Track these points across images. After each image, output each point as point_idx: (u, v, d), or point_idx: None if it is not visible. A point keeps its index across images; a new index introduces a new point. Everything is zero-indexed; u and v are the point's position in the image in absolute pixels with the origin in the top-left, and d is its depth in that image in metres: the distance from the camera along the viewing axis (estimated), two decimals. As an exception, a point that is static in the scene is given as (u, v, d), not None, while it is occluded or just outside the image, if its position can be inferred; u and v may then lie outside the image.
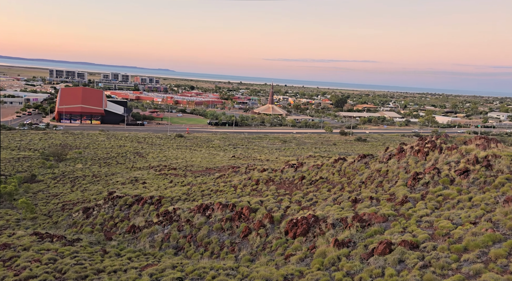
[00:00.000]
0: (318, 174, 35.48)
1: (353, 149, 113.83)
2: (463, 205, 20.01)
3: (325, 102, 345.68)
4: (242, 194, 32.90)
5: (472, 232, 15.51)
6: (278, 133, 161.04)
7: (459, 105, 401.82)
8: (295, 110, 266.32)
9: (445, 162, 26.96)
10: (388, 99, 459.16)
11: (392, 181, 27.70)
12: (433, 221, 18.37)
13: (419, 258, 14.43)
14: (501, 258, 13.19)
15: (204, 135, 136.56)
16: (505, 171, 22.68)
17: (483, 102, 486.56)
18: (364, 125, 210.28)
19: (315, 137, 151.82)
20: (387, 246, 15.63)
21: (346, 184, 30.86)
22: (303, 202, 28.03)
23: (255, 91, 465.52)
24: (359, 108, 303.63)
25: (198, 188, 38.38)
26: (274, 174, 38.05)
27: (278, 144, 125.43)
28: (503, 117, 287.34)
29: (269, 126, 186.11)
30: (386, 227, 18.80)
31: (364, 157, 35.73)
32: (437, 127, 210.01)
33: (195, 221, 26.19)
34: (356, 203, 24.78)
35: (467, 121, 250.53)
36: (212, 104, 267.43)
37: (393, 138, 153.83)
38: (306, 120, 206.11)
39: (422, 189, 24.31)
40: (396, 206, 22.13)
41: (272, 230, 22.68)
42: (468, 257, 13.69)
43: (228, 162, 69.55)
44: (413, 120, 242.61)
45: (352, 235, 18.41)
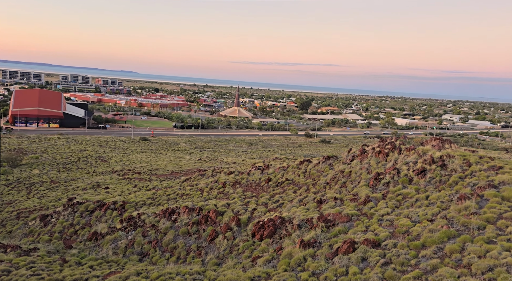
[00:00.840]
0: (284, 176, 35.91)
1: (318, 150, 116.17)
2: (421, 204, 20.98)
3: (290, 105, 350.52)
4: (208, 197, 32.67)
5: (429, 229, 16.29)
6: (244, 135, 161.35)
7: (416, 108, 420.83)
8: (261, 113, 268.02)
9: (404, 162, 28.16)
10: (351, 102, 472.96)
11: (355, 182, 28.54)
12: (394, 219, 19.11)
13: (380, 255, 14.96)
14: (456, 253, 13.95)
15: (169, 138, 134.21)
16: (458, 170, 24.03)
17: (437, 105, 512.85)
18: (328, 127, 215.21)
19: (281, 139, 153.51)
20: (350, 245, 16.08)
21: (311, 185, 31.45)
22: (269, 204, 28.24)
23: (221, 94, 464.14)
24: (323, 111, 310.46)
25: (163, 192, 37.67)
26: (241, 177, 38.08)
27: (245, 146, 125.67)
28: (456, 119, 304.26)
29: (236, 128, 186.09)
30: (350, 227, 19.34)
31: (328, 158, 36.58)
32: (397, 128, 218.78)
33: (161, 226, 25.68)
34: (321, 203, 25.31)
35: (424, 123, 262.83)
36: (178, 107, 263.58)
37: (356, 140, 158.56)
38: (272, 122, 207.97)
39: (383, 188, 25.23)
40: (359, 205, 22.83)
41: (239, 232, 22.68)
42: (425, 253, 14.36)
43: (194, 165, 68.78)
44: (374, 122, 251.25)
45: (318, 236, 18.78)
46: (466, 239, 14.76)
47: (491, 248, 13.60)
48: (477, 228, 15.84)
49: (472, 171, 23.35)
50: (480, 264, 12.38)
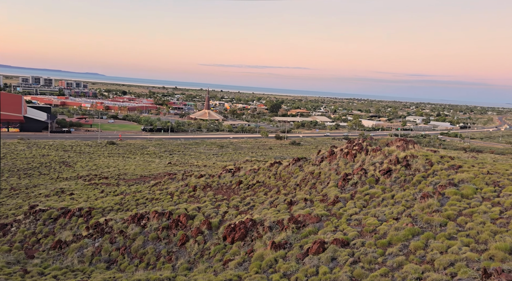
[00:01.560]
0: (255, 178, 36.02)
1: (288, 152, 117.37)
2: (387, 203, 21.67)
3: (260, 107, 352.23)
4: (179, 201, 32.21)
5: (395, 227, 16.86)
6: (215, 138, 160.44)
7: (382, 110, 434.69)
8: (232, 115, 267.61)
9: (371, 163, 28.99)
10: (319, 104, 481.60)
11: (324, 183, 29.07)
12: (362, 219, 19.62)
13: (349, 254, 15.31)
14: (420, 249, 14.51)
15: (138, 142, 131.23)
16: (421, 170, 25.03)
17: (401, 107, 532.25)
18: (298, 129, 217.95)
19: (252, 141, 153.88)
20: (320, 245, 16.35)
21: (282, 187, 31.73)
22: (240, 207, 28.23)
23: (191, 97, 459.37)
24: (293, 113, 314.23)
25: (132, 197, 36.77)
26: (212, 180, 37.84)
27: (215, 149, 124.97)
28: (418, 120, 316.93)
29: (206, 131, 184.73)
30: (320, 227, 19.66)
31: (298, 160, 37.06)
32: (364, 130, 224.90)
33: (129, 231, 25.04)
34: (292, 205, 25.58)
35: (389, 124, 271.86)
36: (146, 110, 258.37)
37: (325, 142, 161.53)
38: (243, 125, 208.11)
39: (351, 189, 25.85)
40: (329, 206, 23.26)
41: (210, 236, 22.51)
42: (392, 251, 14.83)
43: (164, 169, 67.60)
44: (342, 124, 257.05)
45: (288, 237, 18.96)
46: (429, 236, 15.38)
47: (452, 244, 14.25)
48: (439, 225, 16.56)
49: (434, 171, 24.40)
50: (442, 260, 12.93)
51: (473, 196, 19.44)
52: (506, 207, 17.37)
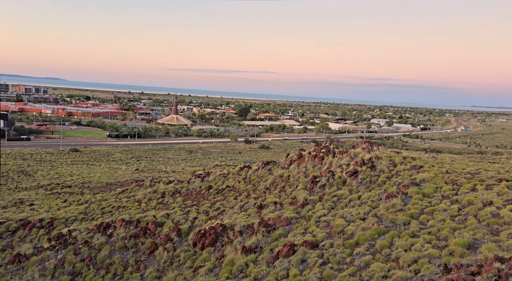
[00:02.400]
0: (225, 183, 35.87)
1: (258, 156, 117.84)
2: (354, 204, 22.23)
3: (229, 112, 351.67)
4: (147, 209, 31.50)
5: (362, 228, 17.31)
6: (183, 143, 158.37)
7: (348, 113, 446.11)
8: (200, 120, 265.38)
9: (338, 165, 29.66)
10: (288, 108, 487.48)
11: (293, 186, 29.41)
12: (330, 220, 20.00)
13: (319, 256, 15.55)
14: (385, 248, 14.98)
15: (103, 149, 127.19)
16: (385, 171, 25.90)
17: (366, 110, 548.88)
18: (266, 133, 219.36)
19: (221, 146, 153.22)
20: (290, 248, 16.51)
21: (252, 191, 31.79)
22: (210, 212, 28.00)
23: (158, 102, 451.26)
24: (262, 117, 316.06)
25: (97, 206, 35.57)
26: (181, 186, 37.31)
27: (184, 154, 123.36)
28: (382, 123, 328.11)
29: (174, 136, 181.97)
30: (290, 230, 19.85)
31: (267, 164, 37.29)
32: (331, 133, 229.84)
33: (95, 241, 24.17)
34: (262, 209, 25.68)
35: (355, 127, 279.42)
36: (112, 115, 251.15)
37: (293, 145, 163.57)
38: (212, 129, 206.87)
39: (320, 191, 26.32)
40: (298, 208, 23.54)
41: (180, 243, 22.15)
42: (359, 251, 15.22)
43: (131, 175, 65.91)
44: (310, 127, 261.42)
45: (259, 241, 19.00)
46: (394, 235, 15.92)
47: (415, 242, 14.82)
48: (403, 224, 17.19)
49: (398, 171, 25.32)
50: (406, 257, 13.42)
51: (433, 195, 20.34)
52: (464, 205, 18.30)
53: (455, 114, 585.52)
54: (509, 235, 14.08)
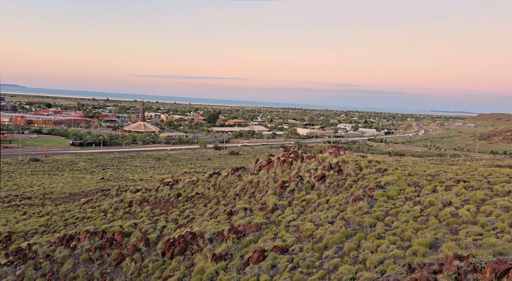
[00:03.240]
0: (194, 190, 35.46)
1: (227, 162, 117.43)
2: (322, 207, 22.62)
3: (198, 118, 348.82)
4: (113, 219, 30.55)
5: (330, 231, 17.64)
6: (151, 151, 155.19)
7: (315, 118, 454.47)
8: (168, 127, 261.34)
9: (306, 169, 30.12)
10: (256, 114, 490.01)
11: (263, 191, 29.53)
12: (299, 224, 20.24)
13: (289, 261, 15.67)
14: (353, 250, 15.33)
15: (66, 158, 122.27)
16: (352, 175, 26.58)
17: (333, 115, 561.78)
18: (236, 139, 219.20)
19: (190, 153, 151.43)
20: (261, 254, 16.54)
21: (222, 197, 31.62)
22: (180, 220, 27.56)
23: (125, 108, 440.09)
24: (231, 123, 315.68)
25: (60, 217, 34.09)
26: (149, 194, 36.51)
27: (152, 162, 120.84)
28: (348, 127, 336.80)
29: (142, 144, 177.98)
30: (260, 235, 19.89)
31: (237, 170, 37.26)
32: (299, 138, 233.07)
33: (57, 255, 23.11)
34: (232, 215, 25.59)
35: (322, 132, 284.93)
36: (75, 123, 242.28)
37: (263, 150, 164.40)
38: (180, 136, 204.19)
39: (289, 196, 26.59)
40: (268, 214, 23.65)
41: (148, 253, 21.62)
42: (328, 254, 15.48)
43: (96, 185, 63.72)
44: (278, 132, 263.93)
45: (229, 247, 18.90)
46: (361, 237, 16.34)
47: (381, 243, 15.28)
48: (370, 226, 17.67)
49: (363, 175, 26.05)
50: (373, 259, 13.80)
51: (397, 197, 21.08)
52: (425, 206, 19.09)
53: (416, 119, 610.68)
54: (467, 233, 14.82)
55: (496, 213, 16.42)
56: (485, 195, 18.99)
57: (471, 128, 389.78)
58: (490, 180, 21.70)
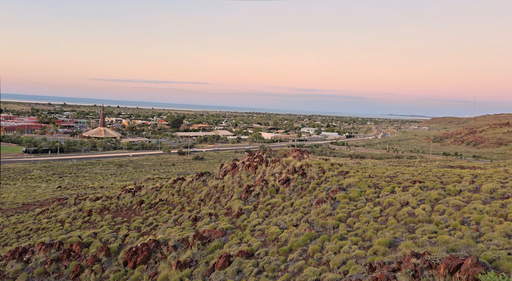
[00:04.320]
0: (158, 197, 34.70)
1: (192, 168, 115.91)
2: (287, 211, 22.89)
3: (161, 123, 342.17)
4: (71, 229, 29.21)
5: (294, 234, 17.87)
6: (112, 157, 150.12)
7: (279, 122, 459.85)
8: (131, 132, 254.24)
9: (271, 173, 30.38)
10: (221, 118, 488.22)
11: (228, 196, 29.43)
12: (265, 228, 20.34)
13: (254, 265, 15.70)
14: (317, 252, 15.62)
15: (19, 166, 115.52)
16: (315, 177, 27.12)
17: (296, 119, 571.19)
18: (200, 144, 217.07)
19: (153, 158, 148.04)
20: (226, 259, 16.44)
21: (186, 203, 31.16)
22: (143, 228, 26.84)
23: (83, 114, 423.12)
24: (195, 128, 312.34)
25: (11, 229, 32.13)
26: (110, 202, 35.28)
27: (114, 169, 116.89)
28: (311, 131, 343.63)
29: (102, 150, 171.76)
30: (225, 241, 19.78)
31: (201, 175, 36.89)
32: (264, 142, 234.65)
33: (8, 270, 21.72)
34: (197, 221, 25.26)
35: (286, 136, 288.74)
36: (29, 129, 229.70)
37: (228, 155, 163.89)
38: (143, 142, 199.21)
39: (254, 200, 26.67)
40: (233, 219, 23.59)
41: (109, 263, 20.83)
42: (293, 257, 15.67)
43: (52, 194, 60.66)
44: (243, 137, 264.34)
45: (194, 254, 18.63)
46: (324, 239, 16.68)
47: (343, 244, 15.68)
48: (333, 228, 18.09)
49: (326, 177, 26.66)
50: (336, 259, 14.13)
51: (359, 198, 21.75)
52: (385, 206, 19.83)
53: (375, 122, 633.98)
54: (423, 232, 15.54)
55: (448, 211, 17.37)
56: (439, 194, 20.04)
57: (426, 131, 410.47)
58: (443, 180, 22.94)
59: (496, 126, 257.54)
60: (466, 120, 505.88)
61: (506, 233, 13.86)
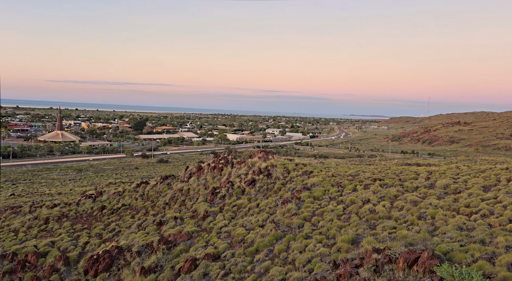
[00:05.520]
0: (120, 202, 33.67)
1: (156, 171, 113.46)
2: (253, 212, 22.97)
3: (123, 126, 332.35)
4: (26, 238, 27.64)
5: (261, 234, 17.98)
6: (71, 161, 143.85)
7: (244, 124, 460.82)
8: (91, 136, 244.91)
9: (237, 175, 30.38)
10: (185, 120, 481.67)
11: (194, 199, 29.09)
12: (231, 230, 20.30)
13: (221, 267, 15.62)
14: (283, 252, 15.80)
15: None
16: (280, 178, 27.43)
17: (261, 121, 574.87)
18: (165, 147, 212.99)
19: (115, 162, 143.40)
20: (192, 263, 16.24)
21: (150, 207, 30.46)
22: (104, 234, 25.93)
23: (39, 117, 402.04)
24: (159, 130, 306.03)
25: (-41, 241, 29.87)
26: (68, 209, 33.79)
27: (73, 174, 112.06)
28: (276, 132, 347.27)
29: (60, 155, 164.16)
30: (191, 244, 19.54)
31: (166, 178, 36.22)
32: (229, 144, 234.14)
33: (-43, 285, 20.24)
34: (161, 225, 24.76)
35: (252, 137, 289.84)
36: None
37: (193, 157, 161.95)
38: (104, 145, 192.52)
39: (220, 202, 26.54)
40: (199, 221, 23.34)
41: (68, 273, 19.94)
42: (259, 257, 15.75)
43: (5, 202, 57.11)
44: (209, 138, 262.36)
45: (159, 259, 18.25)
46: (290, 238, 16.90)
47: (308, 243, 15.96)
48: (298, 227, 18.38)
49: (291, 177, 27.04)
50: (301, 258, 14.35)
51: (323, 197, 22.25)
52: (347, 204, 20.42)
53: (337, 123, 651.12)
54: (383, 228, 16.15)
55: (406, 207, 18.17)
56: (398, 191, 20.92)
57: (385, 130, 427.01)
58: (401, 178, 23.97)
59: (448, 125, 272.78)
60: (421, 120, 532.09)
61: (458, 226, 14.70)
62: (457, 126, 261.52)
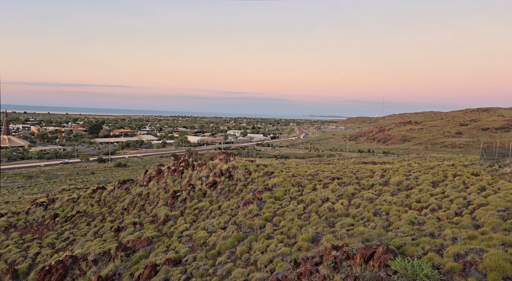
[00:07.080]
0: (75, 209, 32.18)
1: (114, 175, 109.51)
2: (215, 214, 22.81)
3: (77, 129, 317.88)
4: (-31, 252, 25.63)
5: (223, 237, 17.88)
6: (20, 168, 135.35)
7: (205, 126, 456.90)
8: (42, 140, 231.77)
9: (198, 177, 30.03)
10: (144, 122, 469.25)
11: (153, 203, 28.39)
12: (192, 233, 20.02)
13: (182, 272, 15.35)
14: (245, 253, 15.81)
15: None
16: (242, 179, 27.46)
17: (222, 122, 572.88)
18: (123, 150, 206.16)
19: (69, 167, 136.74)
20: (152, 269, 15.83)
21: (108, 213, 29.37)
22: (57, 244, 24.64)
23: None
24: (116, 133, 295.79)
25: None
26: (17, 218, 31.79)
27: (21, 181, 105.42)
28: (238, 134, 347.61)
29: (7, 161, 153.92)
30: (151, 250, 19.04)
31: (124, 182, 35.09)
32: (190, 146, 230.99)
33: None
34: (120, 231, 23.94)
35: (213, 139, 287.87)
36: None
37: (153, 160, 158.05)
38: (56, 150, 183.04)
39: (181, 205, 26.11)
40: (159, 226, 22.81)
41: (17, 287, 18.73)
42: (221, 260, 15.65)
43: None
44: (169, 141, 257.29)
45: (117, 267, 17.62)
46: (252, 239, 16.95)
47: (270, 243, 16.10)
48: (259, 228, 18.48)
49: (253, 178, 27.17)
50: (263, 259, 14.44)
51: (283, 197, 22.54)
52: (307, 203, 20.83)
53: (297, 123, 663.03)
54: (342, 225, 16.65)
55: (363, 204, 18.85)
56: (355, 189, 21.65)
57: (342, 130, 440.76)
58: (358, 176, 24.84)
59: (401, 125, 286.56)
60: (376, 120, 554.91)
61: (410, 220, 15.47)
62: (408, 125, 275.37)
